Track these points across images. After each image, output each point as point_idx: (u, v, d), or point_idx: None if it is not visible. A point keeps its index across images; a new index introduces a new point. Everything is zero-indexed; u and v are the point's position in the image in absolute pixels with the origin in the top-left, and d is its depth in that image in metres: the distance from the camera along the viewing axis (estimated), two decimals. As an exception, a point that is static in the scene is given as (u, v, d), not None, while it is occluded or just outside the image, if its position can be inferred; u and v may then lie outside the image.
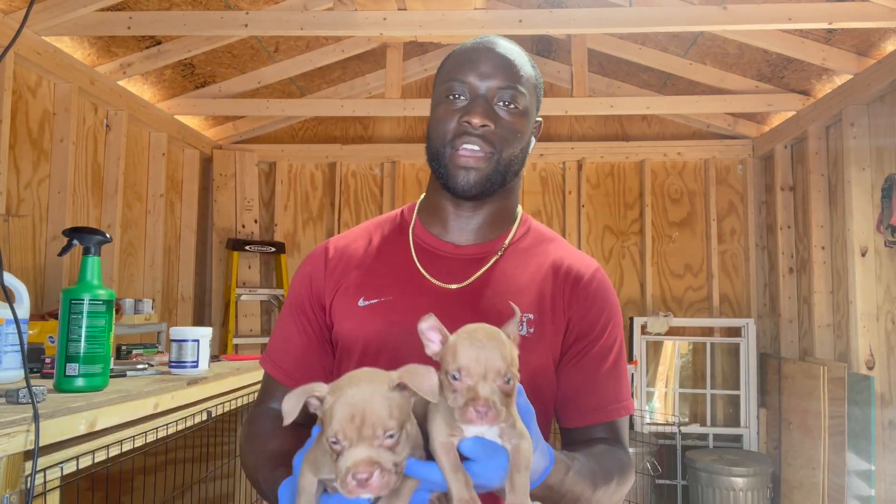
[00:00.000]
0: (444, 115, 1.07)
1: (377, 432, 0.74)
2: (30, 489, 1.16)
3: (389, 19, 3.08)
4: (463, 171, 1.05)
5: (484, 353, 0.76)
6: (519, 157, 1.09)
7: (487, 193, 1.07)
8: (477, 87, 1.06)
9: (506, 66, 1.08)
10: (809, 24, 2.91)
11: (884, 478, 3.07)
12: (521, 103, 1.08)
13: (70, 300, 1.44)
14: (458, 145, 1.05)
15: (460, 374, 0.76)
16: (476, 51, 1.10)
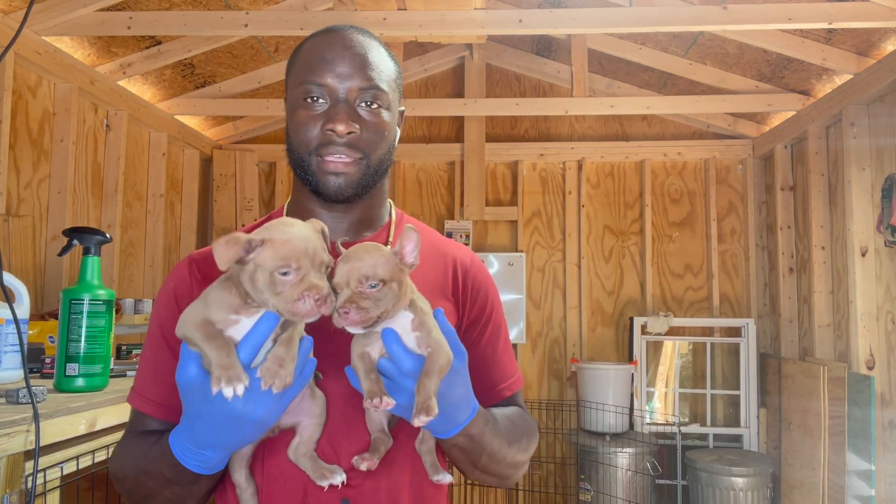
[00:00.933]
0: (305, 121, 1.02)
1: (323, 262, 0.84)
2: (30, 489, 1.16)
3: (389, 19, 3.08)
4: (332, 176, 1.03)
5: (351, 264, 0.85)
6: (387, 157, 1.08)
7: (359, 196, 1.06)
8: (336, 89, 1.02)
9: (364, 64, 1.03)
10: (809, 24, 2.91)
11: (884, 478, 3.07)
12: (383, 101, 1.05)
13: (70, 300, 1.44)
14: (324, 154, 1.02)
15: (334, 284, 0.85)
16: (331, 48, 1.04)
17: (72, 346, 1.43)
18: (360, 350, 0.89)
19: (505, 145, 4.56)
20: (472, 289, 1.12)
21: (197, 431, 0.85)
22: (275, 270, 0.81)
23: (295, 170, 1.07)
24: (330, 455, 0.96)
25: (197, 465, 0.88)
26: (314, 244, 0.84)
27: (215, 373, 0.80)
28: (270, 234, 0.84)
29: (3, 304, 1.44)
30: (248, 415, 0.82)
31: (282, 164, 4.67)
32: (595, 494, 3.81)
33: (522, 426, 1.11)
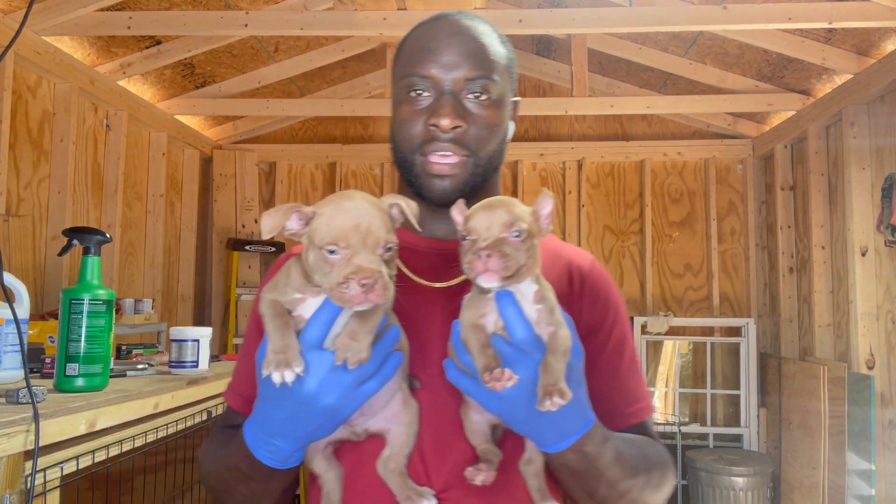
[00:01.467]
0: (409, 117, 0.95)
1: (380, 242, 0.74)
2: (30, 489, 1.16)
3: (389, 19, 3.08)
4: (437, 179, 0.94)
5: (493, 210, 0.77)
6: (498, 152, 0.98)
7: (467, 198, 0.93)
8: (441, 80, 0.93)
9: (472, 52, 0.95)
10: (809, 23, 2.91)
11: (884, 478, 3.07)
12: (493, 92, 0.95)
13: (70, 300, 1.44)
14: (427, 152, 0.94)
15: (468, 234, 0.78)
16: (435, 36, 0.95)
17: (72, 346, 1.43)
18: (472, 321, 0.78)
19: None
20: (591, 297, 0.99)
21: (267, 418, 0.80)
22: (323, 247, 0.74)
23: (399, 169, 0.99)
24: (420, 472, 0.87)
25: (268, 456, 0.82)
26: (369, 220, 0.74)
27: (268, 356, 0.75)
28: (323, 207, 0.76)
29: (3, 304, 1.44)
30: (317, 400, 0.76)
31: (282, 163, 4.67)
32: (595, 494, 3.81)
33: (654, 458, 0.93)
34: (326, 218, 0.75)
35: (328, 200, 0.77)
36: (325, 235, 0.74)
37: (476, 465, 0.85)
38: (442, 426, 0.88)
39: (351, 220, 0.74)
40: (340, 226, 0.73)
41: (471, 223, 0.77)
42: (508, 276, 0.74)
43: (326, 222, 0.74)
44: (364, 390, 0.78)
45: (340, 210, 0.75)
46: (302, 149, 4.68)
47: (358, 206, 0.75)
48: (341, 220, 0.74)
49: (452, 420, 0.88)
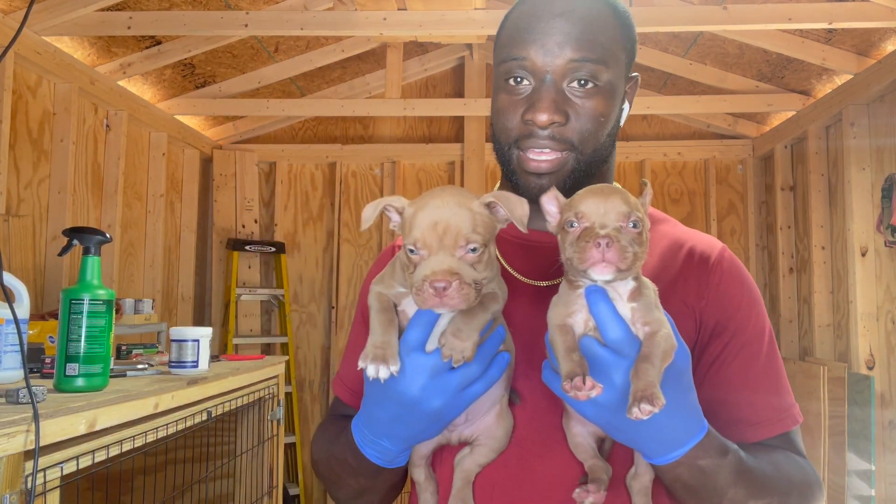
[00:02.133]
0: (505, 108, 0.88)
1: (459, 242, 0.70)
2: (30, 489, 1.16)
3: (389, 19, 3.08)
4: (534, 176, 0.87)
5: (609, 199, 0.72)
6: (606, 144, 0.91)
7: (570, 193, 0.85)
8: (541, 67, 0.84)
9: (579, 34, 0.83)
10: (809, 24, 2.91)
11: (884, 478, 3.07)
12: (602, 78, 0.85)
13: (70, 300, 1.44)
14: (524, 147, 0.86)
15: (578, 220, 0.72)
16: (539, 15, 0.85)
17: (72, 346, 1.43)
18: (559, 321, 0.72)
19: (505, 145, 4.55)
20: (719, 287, 0.88)
21: (372, 418, 0.78)
22: (406, 246, 0.71)
23: (498, 160, 0.93)
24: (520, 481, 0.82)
25: (375, 455, 0.81)
26: (447, 219, 0.70)
27: (367, 348, 0.73)
28: (413, 203, 0.73)
29: (3, 304, 1.44)
30: (421, 403, 0.73)
31: (282, 164, 4.67)
32: (595, 494, 3.81)
33: (793, 476, 0.81)
34: (410, 215, 0.72)
35: (420, 196, 0.74)
36: (407, 234, 0.72)
37: (584, 486, 0.79)
38: (545, 434, 0.83)
39: (430, 218, 0.70)
40: (420, 224, 0.71)
41: (581, 208, 0.71)
42: (625, 269, 0.69)
43: (410, 220, 0.72)
44: (469, 393, 0.74)
45: (423, 207, 0.72)
46: (302, 149, 4.68)
47: (441, 203, 0.71)
48: (421, 219, 0.71)
49: (557, 428, 0.83)
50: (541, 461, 0.83)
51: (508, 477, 0.82)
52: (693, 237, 0.94)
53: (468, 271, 0.69)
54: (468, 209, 0.72)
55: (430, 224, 0.70)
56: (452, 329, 0.72)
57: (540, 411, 0.83)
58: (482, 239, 0.71)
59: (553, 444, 0.83)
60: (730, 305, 0.87)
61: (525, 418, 0.83)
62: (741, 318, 0.87)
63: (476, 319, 0.72)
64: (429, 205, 0.72)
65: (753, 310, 0.89)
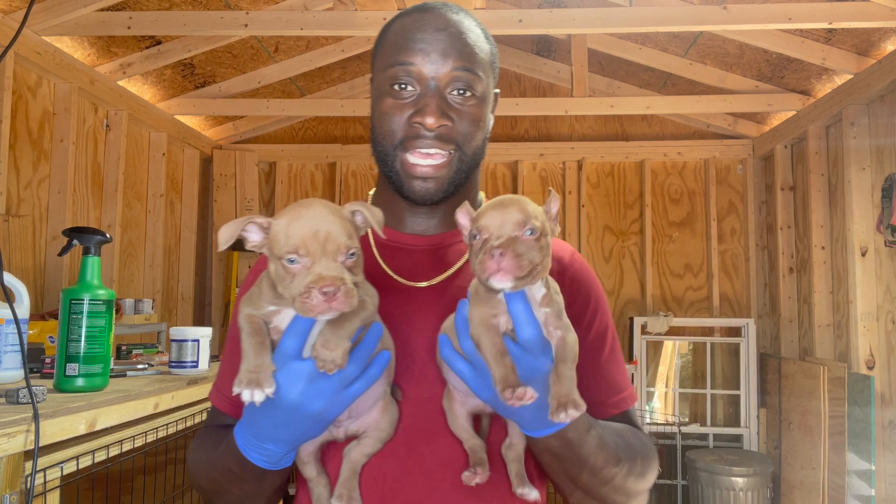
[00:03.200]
0: (392, 111, 0.93)
1: (342, 249, 0.72)
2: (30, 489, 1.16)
3: (389, 19, 3.08)
4: (419, 181, 0.93)
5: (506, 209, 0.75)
6: (481, 149, 0.98)
7: (450, 196, 0.96)
8: (426, 75, 0.91)
9: (459, 48, 0.92)
10: (809, 24, 2.91)
11: (884, 478, 3.07)
12: (478, 89, 0.94)
13: (70, 300, 1.44)
14: (410, 148, 0.92)
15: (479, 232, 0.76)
16: (422, 29, 0.93)
17: (72, 346, 1.43)
18: (484, 320, 0.75)
19: (505, 145, 4.56)
20: (571, 288, 0.97)
21: (257, 423, 0.81)
22: (282, 257, 0.72)
23: (379, 164, 0.97)
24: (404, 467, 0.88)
25: (260, 458, 0.83)
26: (328, 227, 0.72)
27: (241, 373, 0.74)
28: (280, 216, 0.75)
29: (3, 304, 1.44)
30: (303, 407, 0.76)
31: (282, 164, 4.67)
32: (595, 494, 3.81)
33: (637, 447, 0.93)
34: (283, 227, 0.73)
35: (285, 210, 0.76)
36: (284, 245, 0.72)
37: (471, 469, 0.85)
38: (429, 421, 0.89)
39: (309, 227, 0.72)
40: (298, 234, 0.72)
41: (482, 221, 0.75)
42: (522, 276, 0.72)
43: (284, 231, 0.73)
44: (350, 393, 0.78)
45: (297, 218, 0.74)
46: (302, 149, 4.68)
47: (316, 213, 0.74)
48: (299, 228, 0.72)
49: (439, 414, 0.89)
50: (427, 447, 0.88)
51: (397, 464, 0.88)
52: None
53: (349, 276, 0.72)
54: (342, 217, 0.75)
55: (309, 233, 0.72)
56: (321, 340, 0.74)
57: (422, 401, 0.89)
58: (356, 244, 0.75)
59: (437, 429, 0.88)
60: (580, 304, 0.97)
61: (409, 409, 0.89)
62: (590, 313, 0.98)
63: (344, 328, 0.75)
64: (304, 215, 0.74)
65: (600, 306, 1.00)
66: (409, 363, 0.90)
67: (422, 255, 0.98)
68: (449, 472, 0.88)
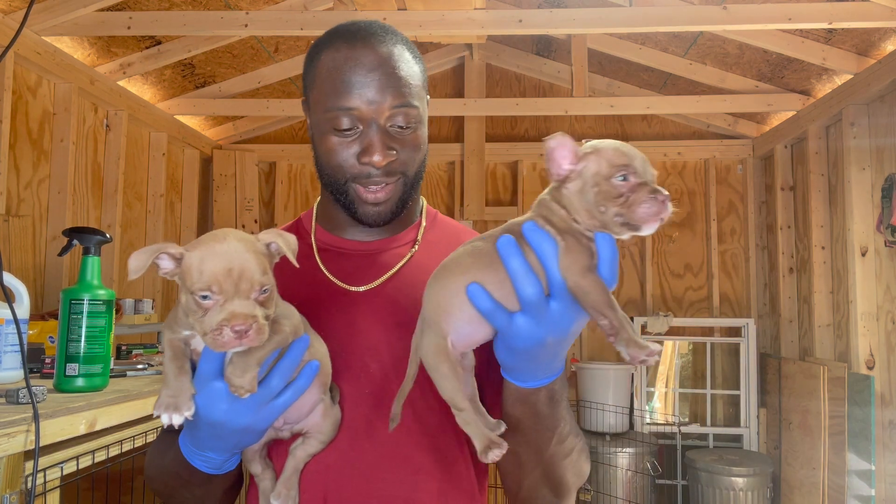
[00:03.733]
0: (338, 149, 0.97)
1: (255, 287, 0.73)
2: (30, 489, 1.16)
3: (389, 19, 3.08)
4: (371, 206, 0.99)
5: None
6: (423, 166, 1.03)
7: (399, 213, 1.02)
8: (367, 116, 0.95)
9: (394, 85, 0.96)
10: (809, 24, 2.90)
11: (884, 478, 3.07)
12: (415, 117, 0.98)
13: (70, 300, 1.44)
14: (364, 184, 0.98)
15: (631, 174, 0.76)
16: (353, 68, 0.96)
17: (72, 346, 1.43)
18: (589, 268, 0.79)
19: (505, 145, 4.56)
20: None
21: (194, 434, 0.84)
22: (195, 293, 0.72)
23: (331, 192, 1.03)
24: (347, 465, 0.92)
25: (203, 464, 0.87)
26: (241, 264, 0.72)
27: (160, 398, 0.76)
28: (193, 249, 0.74)
29: (3, 304, 1.44)
30: (230, 423, 0.79)
31: (282, 164, 4.67)
32: (595, 494, 3.81)
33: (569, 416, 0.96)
34: (197, 262, 0.73)
35: (199, 241, 0.75)
36: (197, 281, 0.72)
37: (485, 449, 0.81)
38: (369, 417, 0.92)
39: (223, 264, 0.72)
40: (212, 270, 0.71)
41: (626, 161, 0.74)
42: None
43: (197, 266, 0.72)
44: (277, 405, 0.80)
45: (211, 253, 0.73)
46: (302, 149, 4.68)
47: (230, 248, 0.73)
48: (212, 265, 0.72)
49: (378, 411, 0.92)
50: (368, 441, 0.92)
51: (339, 458, 0.92)
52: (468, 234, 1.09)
53: (261, 312, 0.73)
54: (256, 252, 0.75)
55: (223, 270, 0.71)
56: (230, 368, 0.75)
57: (363, 396, 0.93)
58: (270, 280, 0.75)
59: (377, 424, 0.92)
60: None
61: (349, 405, 0.93)
62: None
63: (253, 355, 0.75)
64: (215, 250, 0.73)
65: None
66: (348, 362, 0.94)
67: (363, 259, 1.03)
68: (392, 466, 0.91)
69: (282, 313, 0.80)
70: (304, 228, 1.12)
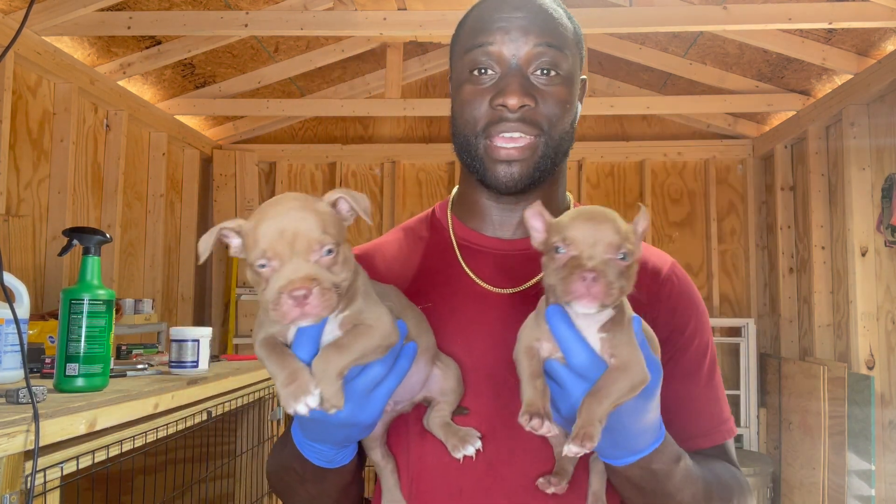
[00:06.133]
0: (472, 97, 0.88)
1: (313, 247, 0.66)
2: (30, 489, 1.16)
3: (389, 19, 3.08)
4: (504, 164, 0.87)
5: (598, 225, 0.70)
6: (569, 133, 0.93)
7: (535, 185, 0.89)
8: (507, 56, 0.86)
9: (541, 25, 0.86)
10: (809, 24, 2.91)
11: (884, 478, 3.07)
12: (563, 67, 0.88)
13: (70, 300, 1.44)
14: (493, 134, 0.87)
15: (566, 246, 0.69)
16: (499, 8, 0.88)
17: (72, 346, 1.43)
18: (528, 343, 0.72)
19: (505, 145, 4.55)
20: (669, 300, 0.90)
21: (302, 425, 0.79)
22: (252, 263, 0.67)
23: (460, 155, 0.93)
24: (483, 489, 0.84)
25: (315, 456, 0.81)
26: (295, 224, 0.66)
27: (281, 393, 0.68)
28: (251, 217, 0.69)
29: (3, 304, 1.44)
30: (329, 420, 0.72)
31: (282, 164, 4.68)
32: (595, 494, 3.81)
33: (732, 484, 0.85)
34: (251, 230, 0.67)
35: (256, 210, 0.70)
36: (252, 250, 0.67)
37: (546, 477, 0.81)
38: (508, 441, 0.85)
39: (274, 227, 0.66)
40: (264, 236, 0.66)
41: (570, 233, 0.68)
42: (609, 304, 0.67)
43: (252, 235, 0.67)
44: (379, 394, 0.73)
45: (263, 219, 0.67)
46: (302, 149, 4.68)
47: (283, 210, 0.67)
48: (264, 230, 0.66)
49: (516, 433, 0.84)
50: (507, 466, 0.84)
51: (475, 481, 0.84)
52: (646, 250, 0.95)
53: (326, 275, 0.66)
54: (314, 211, 0.68)
55: (276, 233, 0.66)
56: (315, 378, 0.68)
57: (501, 417, 0.85)
58: (334, 239, 0.67)
59: (516, 446, 0.84)
60: (679, 321, 0.90)
61: (485, 426, 0.85)
62: (688, 335, 0.90)
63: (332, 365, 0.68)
64: (270, 214, 0.67)
65: (699, 328, 0.91)
66: (492, 373, 0.85)
67: (507, 259, 0.92)
68: (526, 493, 0.83)
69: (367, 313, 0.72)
70: (438, 221, 1.00)
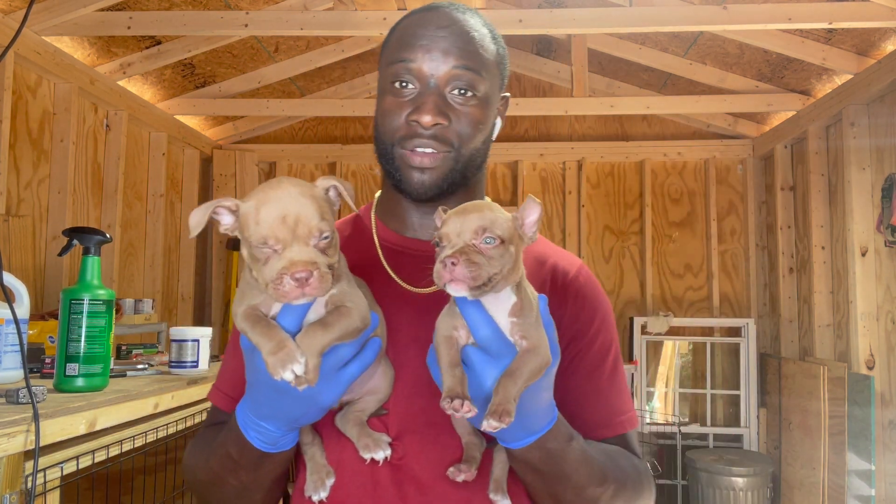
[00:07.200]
0: (391, 109, 0.92)
1: (313, 232, 0.70)
2: (30, 489, 1.16)
3: (389, 19, 3.08)
4: (416, 171, 0.92)
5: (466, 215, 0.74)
6: (481, 150, 0.96)
7: (445, 194, 0.94)
8: (427, 73, 0.91)
9: (461, 47, 0.91)
10: (809, 24, 2.91)
11: (884, 478, 3.07)
12: (480, 89, 0.92)
13: (70, 300, 1.44)
14: (409, 146, 0.91)
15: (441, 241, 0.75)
16: (425, 26, 0.92)
17: (72, 346, 1.43)
18: (446, 332, 0.76)
19: (505, 145, 4.56)
20: (576, 300, 0.96)
21: (255, 400, 0.80)
22: (252, 243, 0.70)
23: (380, 160, 0.96)
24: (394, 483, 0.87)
25: (258, 438, 0.82)
26: (297, 210, 0.70)
27: (269, 361, 0.71)
28: (248, 199, 0.72)
29: (3, 304, 1.44)
30: (293, 394, 0.75)
31: (282, 164, 4.68)
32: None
33: (628, 470, 0.90)
34: (252, 211, 0.71)
35: (254, 191, 0.73)
36: (253, 231, 0.70)
37: (457, 466, 0.85)
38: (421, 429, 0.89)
39: (278, 211, 0.70)
40: (267, 219, 0.70)
41: (443, 228, 0.74)
42: (478, 285, 0.70)
43: (253, 216, 0.71)
44: (343, 377, 0.77)
45: (265, 201, 0.71)
46: (302, 149, 4.69)
47: (285, 194, 0.71)
48: (267, 213, 0.70)
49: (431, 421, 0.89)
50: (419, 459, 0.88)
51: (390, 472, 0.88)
52: (555, 254, 1.01)
53: (323, 259, 0.71)
54: (312, 197, 0.72)
55: (278, 217, 0.70)
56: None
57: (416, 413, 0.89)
58: (330, 225, 0.72)
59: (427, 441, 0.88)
60: (584, 320, 0.96)
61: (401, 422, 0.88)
62: (592, 333, 0.96)
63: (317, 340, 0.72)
64: (270, 197, 0.71)
65: (604, 326, 0.97)
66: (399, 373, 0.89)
67: (424, 261, 0.97)
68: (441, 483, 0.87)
69: (349, 296, 0.76)
70: (362, 221, 1.05)
